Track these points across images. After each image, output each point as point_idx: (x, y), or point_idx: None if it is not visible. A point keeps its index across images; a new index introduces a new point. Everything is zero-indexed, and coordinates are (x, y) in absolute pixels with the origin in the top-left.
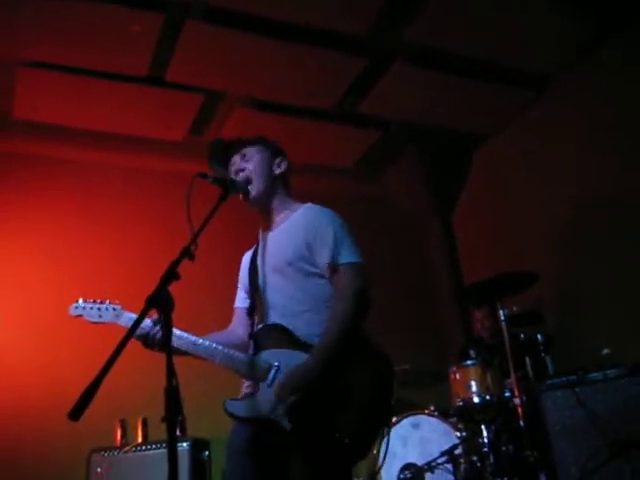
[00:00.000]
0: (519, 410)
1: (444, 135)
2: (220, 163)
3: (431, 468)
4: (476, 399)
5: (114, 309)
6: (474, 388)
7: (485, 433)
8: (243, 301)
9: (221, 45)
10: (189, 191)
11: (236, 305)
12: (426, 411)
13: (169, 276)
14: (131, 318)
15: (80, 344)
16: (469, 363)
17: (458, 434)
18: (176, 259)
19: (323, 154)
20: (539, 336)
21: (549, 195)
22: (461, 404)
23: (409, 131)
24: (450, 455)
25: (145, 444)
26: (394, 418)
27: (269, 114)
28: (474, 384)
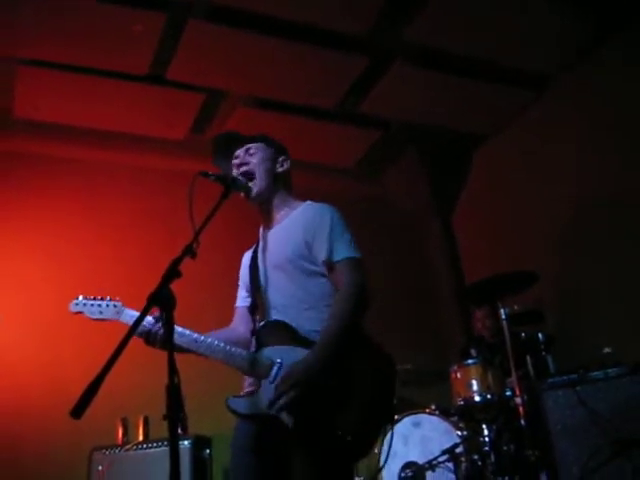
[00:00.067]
0: (520, 409)
1: (444, 135)
2: (224, 156)
3: (432, 467)
4: (477, 398)
5: (115, 306)
6: (475, 387)
7: (486, 432)
8: (244, 300)
9: (223, 44)
10: (191, 190)
11: (237, 304)
12: (427, 410)
13: (171, 274)
14: (132, 315)
15: (82, 343)
16: (470, 362)
17: (459, 433)
18: (178, 257)
19: (324, 153)
20: (540, 335)
21: (549, 195)
22: (462, 403)
23: (409, 131)
24: (451, 454)
25: (146, 442)
26: (395, 417)
27: (270, 113)
28: (475, 383)
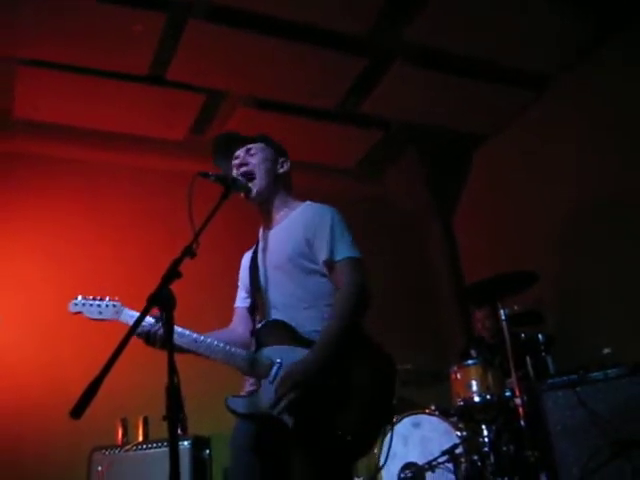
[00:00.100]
0: (520, 410)
1: (444, 135)
2: (224, 157)
3: (432, 467)
4: (477, 399)
5: (114, 306)
6: (475, 388)
7: (486, 432)
8: (243, 301)
9: (223, 44)
10: (190, 190)
11: (236, 305)
12: (427, 410)
13: (171, 274)
14: (131, 315)
15: (81, 343)
16: (470, 363)
17: (459, 433)
18: (178, 257)
19: (325, 154)
20: (540, 336)
21: (549, 195)
22: (462, 404)
23: (409, 131)
24: (451, 454)
25: (146, 443)
26: (395, 417)
27: (271, 113)
28: (475, 384)
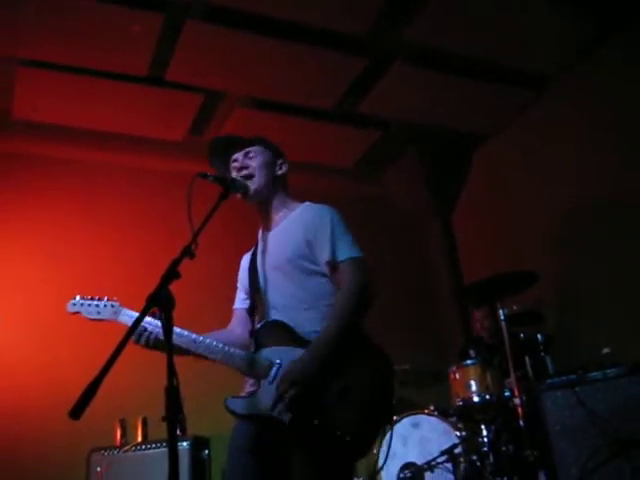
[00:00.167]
0: (519, 410)
1: (444, 135)
2: (221, 160)
3: (431, 467)
4: (476, 399)
5: (112, 306)
6: (474, 388)
7: (485, 432)
8: (242, 302)
9: (221, 45)
10: (189, 190)
11: (235, 306)
12: (426, 410)
13: (170, 275)
14: (130, 315)
15: (80, 344)
16: (469, 363)
17: (458, 433)
18: (177, 258)
19: (323, 154)
20: (539, 336)
21: (549, 195)
22: (461, 404)
23: (409, 131)
24: (450, 454)
25: (145, 443)
26: (394, 417)
27: (269, 114)
28: (474, 384)
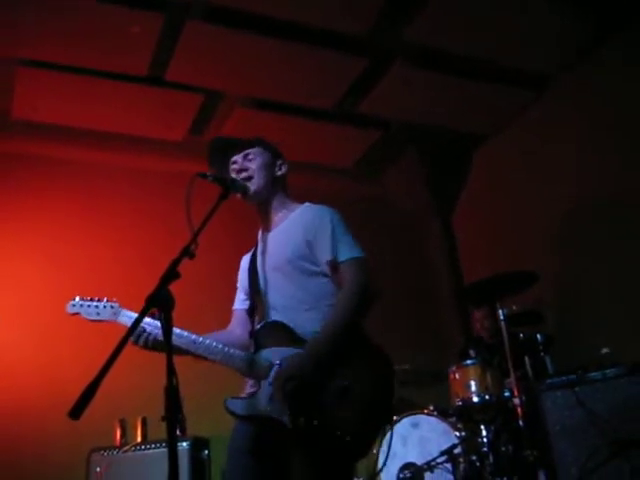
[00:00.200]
0: (518, 410)
1: (444, 135)
2: (220, 163)
3: (430, 467)
4: (475, 399)
5: (112, 307)
6: (473, 388)
7: (484, 433)
8: (242, 303)
9: (221, 45)
10: (189, 190)
11: (235, 307)
12: (425, 411)
13: (169, 275)
14: (129, 316)
15: (80, 344)
16: (469, 363)
17: (457, 434)
18: (176, 258)
19: (323, 154)
20: (539, 336)
21: (549, 195)
22: (460, 404)
23: (409, 131)
24: (449, 455)
25: (144, 443)
26: (394, 417)
27: (269, 114)
28: (473, 384)
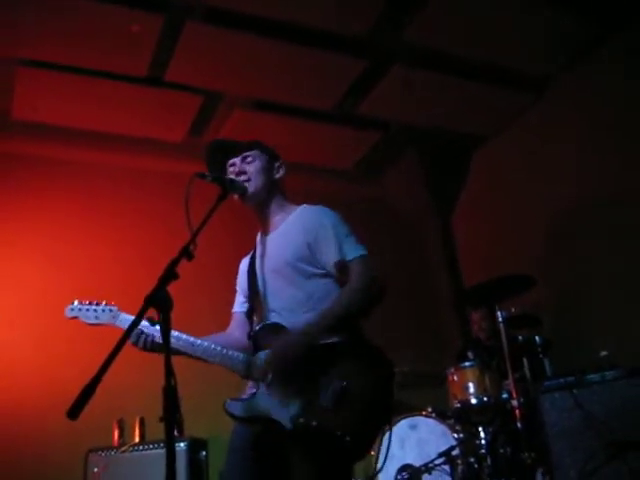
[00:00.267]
0: (517, 412)
1: (444, 136)
2: (218, 165)
3: (428, 469)
4: (474, 400)
5: (110, 310)
6: (472, 390)
7: (483, 435)
8: (241, 305)
9: (221, 46)
10: (188, 191)
11: (234, 309)
12: (424, 412)
13: (168, 276)
14: (128, 319)
15: (79, 344)
16: (467, 365)
17: (456, 435)
18: (175, 258)
19: (323, 155)
20: (537, 338)
21: (549, 195)
22: (459, 405)
23: (409, 132)
24: (447, 456)
25: (142, 444)
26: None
27: (269, 115)
28: (472, 386)
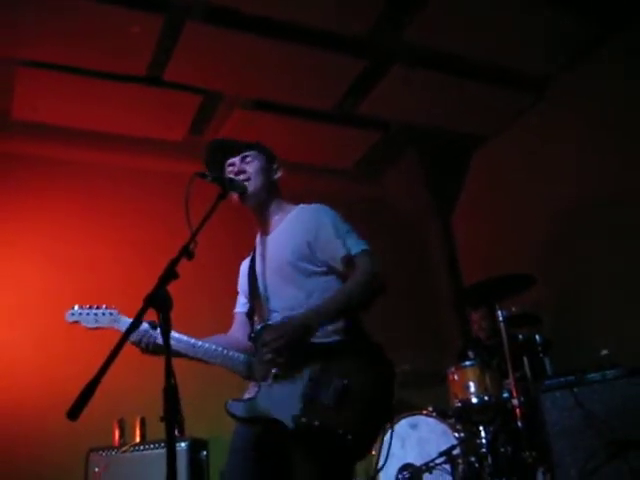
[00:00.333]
0: (517, 411)
1: (444, 136)
2: (217, 164)
3: (429, 469)
4: (474, 400)
5: (111, 314)
6: (472, 389)
7: (483, 434)
8: (242, 306)
9: (221, 46)
10: (188, 190)
11: (236, 310)
12: (424, 412)
13: (168, 275)
14: (128, 322)
15: (79, 344)
16: (467, 364)
17: (456, 435)
18: (175, 258)
19: (323, 155)
20: (537, 337)
21: (549, 195)
22: (459, 405)
23: (409, 132)
24: (448, 456)
25: (143, 444)
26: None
27: (269, 115)
28: (472, 385)
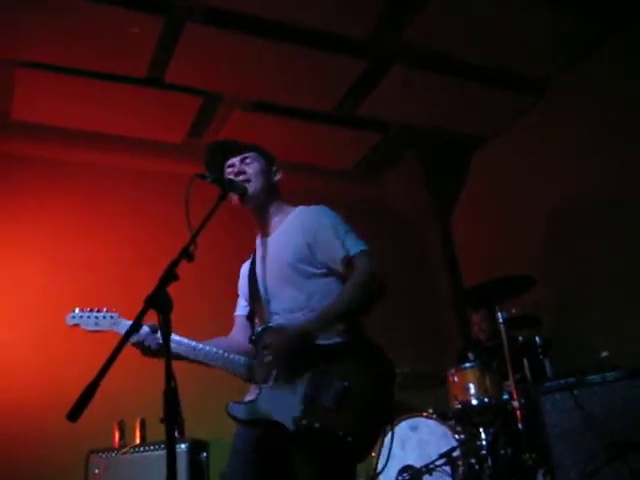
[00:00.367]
0: (517, 413)
1: (443, 137)
2: (217, 165)
3: (429, 470)
4: (474, 402)
5: (111, 317)
6: (472, 391)
7: (483, 436)
8: (243, 309)
9: (221, 47)
10: (187, 191)
11: (236, 313)
12: (424, 413)
13: (168, 277)
14: (128, 326)
15: (78, 345)
16: (467, 366)
17: (456, 437)
18: (175, 259)
19: (323, 156)
20: (538, 339)
21: (549, 195)
22: (459, 407)
23: (409, 133)
24: (448, 458)
25: (143, 445)
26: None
27: (269, 116)
28: (472, 387)
